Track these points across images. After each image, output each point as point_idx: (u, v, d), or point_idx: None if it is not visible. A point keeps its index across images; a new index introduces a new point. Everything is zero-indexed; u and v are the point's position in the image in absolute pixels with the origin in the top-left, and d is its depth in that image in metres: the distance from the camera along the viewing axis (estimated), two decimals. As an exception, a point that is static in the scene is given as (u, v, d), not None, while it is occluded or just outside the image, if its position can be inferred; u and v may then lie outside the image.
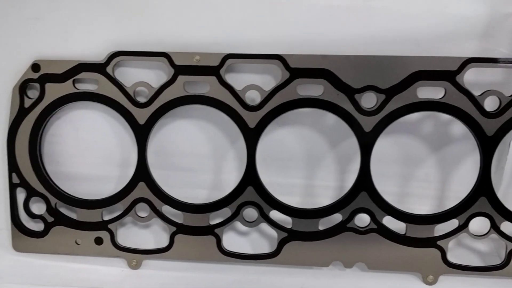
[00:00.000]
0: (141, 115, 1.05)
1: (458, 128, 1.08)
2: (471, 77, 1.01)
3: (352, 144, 1.05)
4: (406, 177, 1.17)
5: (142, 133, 1.06)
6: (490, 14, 1.00)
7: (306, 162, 1.17)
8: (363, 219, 1.06)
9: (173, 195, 1.10)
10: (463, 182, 1.09)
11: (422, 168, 1.16)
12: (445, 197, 1.16)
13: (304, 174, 1.18)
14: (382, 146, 1.12)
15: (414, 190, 1.18)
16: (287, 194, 1.14)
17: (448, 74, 0.98)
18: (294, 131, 1.14)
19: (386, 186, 1.15)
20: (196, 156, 1.17)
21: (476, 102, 0.98)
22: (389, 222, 1.06)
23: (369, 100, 1.01)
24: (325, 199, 1.15)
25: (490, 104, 0.99)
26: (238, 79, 1.06)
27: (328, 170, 1.17)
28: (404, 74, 0.99)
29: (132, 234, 1.17)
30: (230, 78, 1.05)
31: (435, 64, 0.98)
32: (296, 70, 1.01)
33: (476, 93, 0.99)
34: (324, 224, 1.08)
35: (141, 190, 1.08)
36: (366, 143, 1.03)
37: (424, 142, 1.14)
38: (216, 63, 1.02)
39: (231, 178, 1.15)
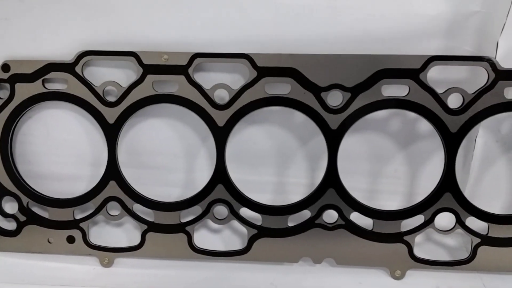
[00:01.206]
0: (111, 114, 1.06)
1: (425, 125, 1.10)
2: (435, 75, 1.03)
3: (321, 141, 1.06)
4: (375, 174, 1.18)
5: (111, 132, 1.07)
6: (453, 12, 1.01)
7: (276, 160, 1.18)
8: (331, 216, 1.07)
9: (146, 193, 1.11)
10: (431, 178, 1.10)
11: (391, 164, 1.18)
12: (414, 193, 1.18)
13: (275, 171, 1.19)
14: (351, 143, 1.14)
15: (384, 187, 1.19)
16: (259, 191, 1.15)
17: (411, 72, 0.99)
18: (265, 129, 1.15)
19: (356, 183, 1.17)
20: (168, 155, 1.18)
21: (439, 100, 1.00)
22: (357, 218, 1.08)
23: (335, 98, 1.02)
24: (296, 196, 1.15)
25: (454, 101, 1.00)
26: (207, 78, 1.07)
27: (298, 168, 1.18)
28: (368, 73, 1.00)
29: (105, 233, 1.18)
30: (199, 77, 1.06)
31: (399, 62, 0.99)
32: (263, 69, 1.02)
33: (440, 90, 1.00)
34: (293, 220, 1.09)
35: (112, 189, 1.09)
36: (333, 141, 1.04)
37: (393, 139, 1.15)
38: (184, 62, 1.03)
39: (203, 176, 1.16)
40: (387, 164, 1.18)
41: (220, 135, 1.06)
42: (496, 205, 1.18)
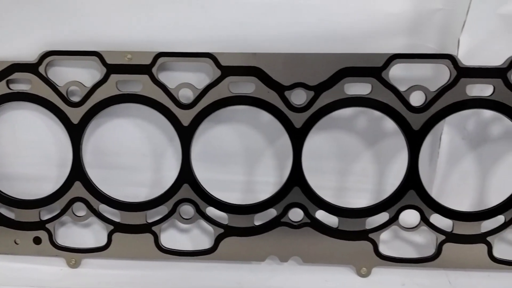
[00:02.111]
0: (75, 115, 1.05)
1: (391, 123, 1.10)
2: (399, 73, 1.04)
3: (288, 140, 1.06)
4: (343, 172, 1.19)
5: (76, 133, 1.06)
6: (416, 10, 1.02)
7: (245, 159, 1.18)
8: (297, 214, 1.08)
9: (114, 194, 1.11)
10: (398, 175, 1.10)
11: (359, 162, 1.18)
12: (382, 191, 1.18)
13: (243, 170, 1.19)
14: (318, 142, 1.15)
15: (352, 185, 1.20)
16: (228, 190, 1.16)
17: (374, 70, 0.99)
18: (232, 128, 1.15)
19: (324, 181, 1.18)
20: (135, 155, 1.18)
21: (402, 98, 1.00)
22: (325, 216, 1.08)
23: (298, 97, 1.02)
24: (265, 195, 1.14)
25: (416, 99, 1.01)
26: (172, 77, 1.07)
27: (267, 166, 1.18)
28: (331, 71, 1.00)
29: (72, 234, 1.18)
30: (163, 77, 1.05)
31: (361, 61, 0.99)
32: (227, 68, 1.02)
33: (402, 88, 1.00)
34: (261, 219, 1.09)
35: (77, 189, 1.08)
36: (297, 139, 1.04)
37: (360, 137, 1.15)
38: (148, 61, 1.02)
39: (171, 176, 1.15)
40: (355, 162, 1.18)
41: (185, 135, 1.05)
42: (465, 202, 1.19)
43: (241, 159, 1.18)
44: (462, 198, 1.18)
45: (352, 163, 1.18)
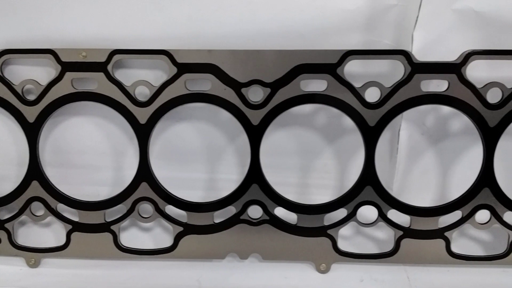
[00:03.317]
0: (31, 114, 1.04)
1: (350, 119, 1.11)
2: (356, 69, 1.04)
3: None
4: (305, 169, 1.19)
5: (32, 132, 1.05)
6: (371, 6, 1.02)
7: (205, 156, 1.18)
8: (256, 211, 1.07)
9: (74, 193, 1.10)
10: (359, 171, 1.11)
11: (320, 159, 1.18)
12: (344, 187, 1.18)
13: (205, 168, 1.19)
14: (279, 139, 1.15)
15: (314, 181, 1.20)
16: (189, 188, 1.16)
17: (329, 67, 0.99)
18: (192, 125, 1.15)
19: (286, 178, 1.18)
20: (95, 153, 1.17)
21: (357, 94, 1.00)
22: (287, 213, 1.08)
23: (255, 94, 1.02)
24: (227, 192, 1.14)
25: (371, 95, 1.01)
26: (130, 75, 1.07)
27: (228, 163, 1.18)
28: (287, 68, 1.00)
29: (32, 233, 1.16)
30: (121, 74, 1.05)
31: (316, 57, 0.99)
32: (183, 65, 1.01)
33: (358, 84, 1.01)
34: (220, 217, 1.09)
35: (35, 189, 1.07)
36: (255, 136, 1.04)
37: (320, 133, 1.16)
38: (103, 59, 1.02)
39: (132, 175, 1.14)
40: (317, 159, 1.18)
41: (143, 133, 1.05)
42: (427, 197, 1.19)
43: (202, 157, 1.18)
44: (424, 193, 1.19)
45: (313, 159, 1.18)
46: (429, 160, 1.17)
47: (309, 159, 1.18)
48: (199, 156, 1.18)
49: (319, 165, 1.18)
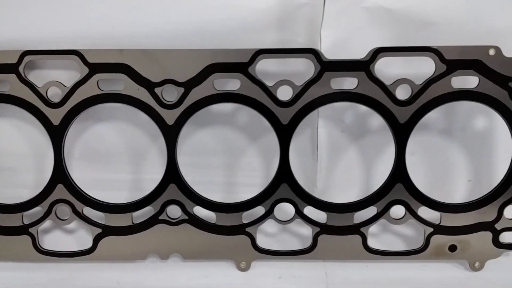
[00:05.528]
0: None
1: (265, 118, 1.11)
2: (271, 68, 1.05)
3: (168, 136, 1.06)
4: (231, 167, 1.19)
5: None
6: (283, 5, 1.03)
7: (129, 157, 1.18)
8: (175, 211, 1.07)
9: (-5, 195, 1.09)
10: (282, 169, 1.12)
11: (245, 157, 1.19)
12: (270, 185, 1.19)
13: (129, 168, 1.18)
14: (202, 138, 1.15)
15: (241, 179, 1.20)
16: (114, 189, 1.16)
17: (241, 66, 0.99)
18: (114, 126, 1.14)
19: (212, 177, 1.18)
20: (15, 155, 1.16)
21: (269, 93, 1.01)
22: (209, 213, 1.08)
23: (169, 94, 1.02)
24: (150, 193, 1.16)
25: (284, 93, 1.01)
26: (43, 76, 1.06)
27: (152, 164, 1.18)
28: (199, 67, 1.00)
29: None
30: (34, 75, 1.04)
31: (228, 57, 0.99)
32: (95, 65, 1.00)
33: (270, 83, 1.01)
34: (142, 217, 1.09)
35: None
36: (171, 136, 1.03)
37: (243, 132, 1.16)
38: (14, 60, 1.00)
39: (52, 176, 1.14)
40: (241, 157, 1.19)
41: (56, 134, 1.04)
42: (352, 193, 1.20)
43: (125, 157, 1.17)
44: (349, 189, 1.20)
45: (238, 158, 1.19)
46: (352, 157, 1.19)
47: (234, 158, 1.18)
48: (122, 157, 1.17)
49: (244, 164, 1.19)
